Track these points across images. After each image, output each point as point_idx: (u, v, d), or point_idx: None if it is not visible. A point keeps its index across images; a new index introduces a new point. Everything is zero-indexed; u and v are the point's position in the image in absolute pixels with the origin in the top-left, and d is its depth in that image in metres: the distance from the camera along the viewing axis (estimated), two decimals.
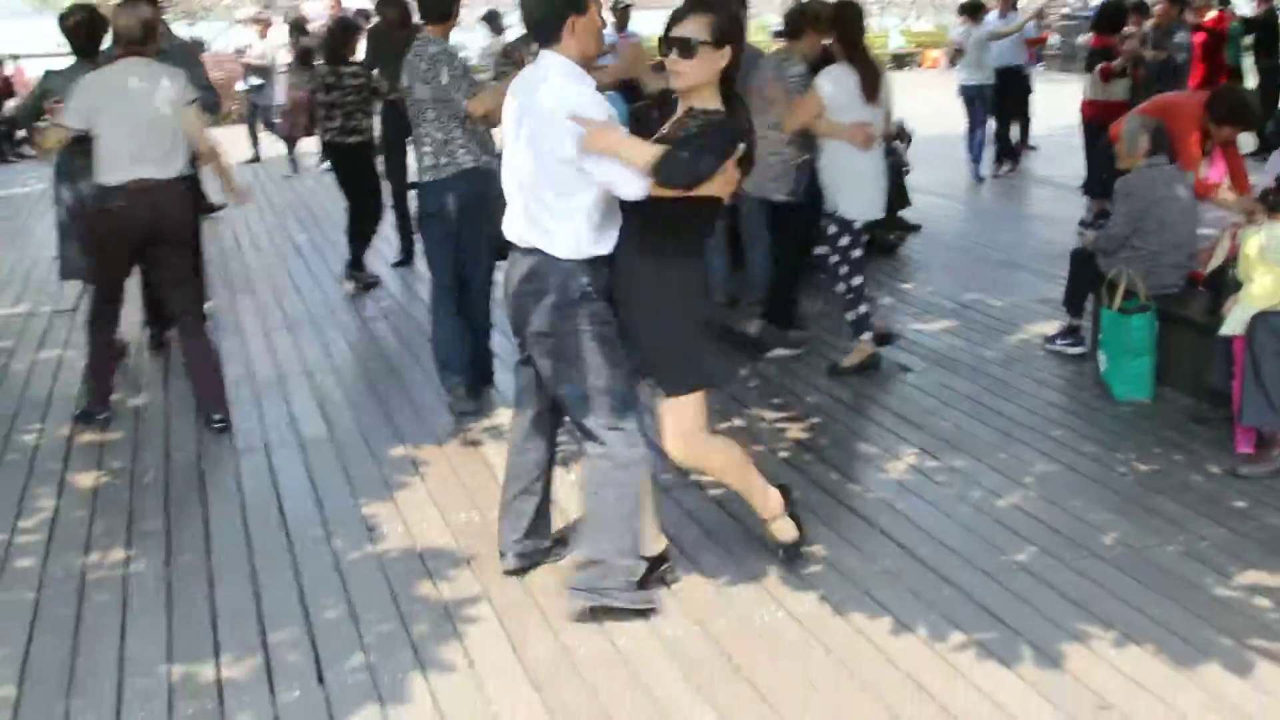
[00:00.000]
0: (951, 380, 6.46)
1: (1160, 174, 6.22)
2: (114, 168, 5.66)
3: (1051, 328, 7.02)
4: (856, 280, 6.48)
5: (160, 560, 4.65)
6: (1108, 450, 5.45)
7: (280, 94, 14.20)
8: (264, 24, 15.45)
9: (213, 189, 8.32)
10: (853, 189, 6.42)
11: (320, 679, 3.82)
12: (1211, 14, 12.90)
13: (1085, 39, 12.97)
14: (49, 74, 6.76)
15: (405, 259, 9.45)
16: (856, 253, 6.47)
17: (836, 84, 6.29)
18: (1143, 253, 6.21)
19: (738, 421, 5.89)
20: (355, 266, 8.91)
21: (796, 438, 5.69)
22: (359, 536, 4.80)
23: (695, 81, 3.85)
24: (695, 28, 3.79)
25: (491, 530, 4.60)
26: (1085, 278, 6.59)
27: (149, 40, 5.81)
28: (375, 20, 10.10)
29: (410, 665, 3.87)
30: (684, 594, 4.27)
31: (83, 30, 6.64)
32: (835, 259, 6.51)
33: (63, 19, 6.71)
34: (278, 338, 7.65)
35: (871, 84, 6.30)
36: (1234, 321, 5.29)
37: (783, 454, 5.50)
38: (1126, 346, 5.98)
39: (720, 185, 3.80)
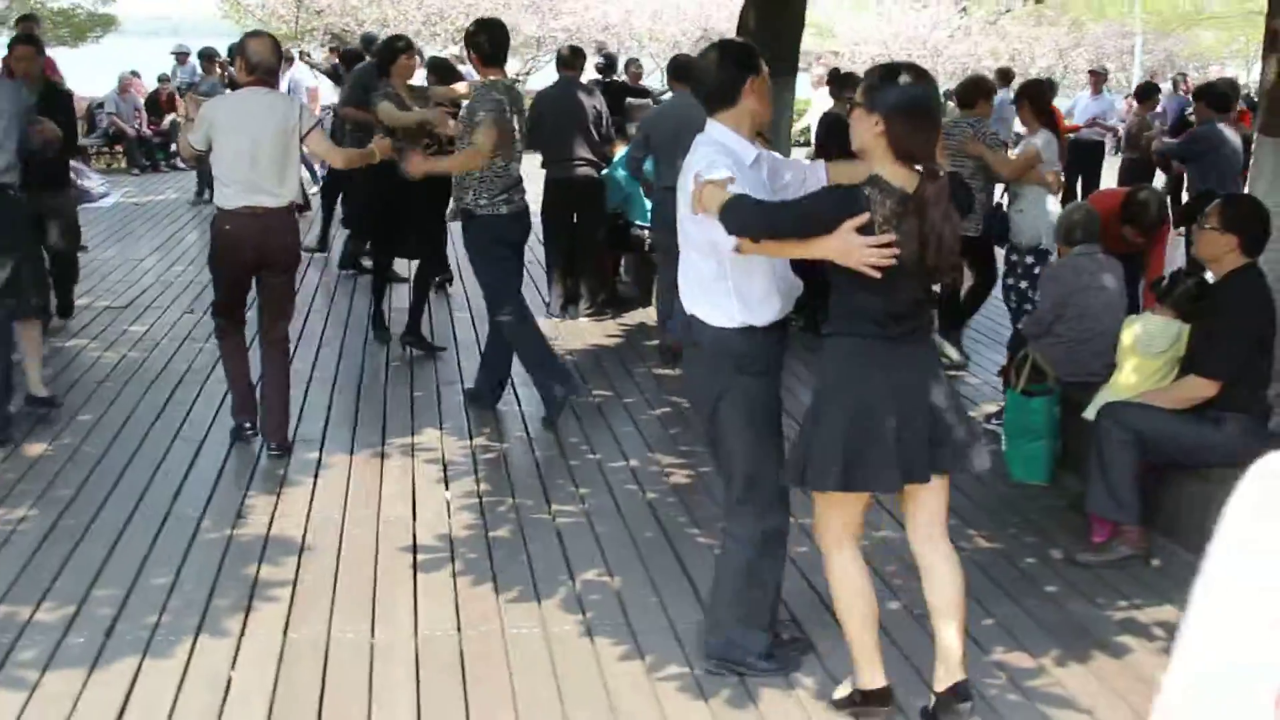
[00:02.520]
0: None
1: (1087, 263, 6.28)
2: (229, 193, 5.79)
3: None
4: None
5: (52, 520, 5.23)
6: (965, 525, 5.53)
7: None
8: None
9: None
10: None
11: (109, 632, 4.30)
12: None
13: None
14: None
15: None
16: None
17: (1046, 143, 7.60)
18: (1065, 339, 6.27)
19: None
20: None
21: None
22: (226, 521, 5.29)
23: (857, 145, 3.60)
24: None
25: (339, 527, 5.15)
26: None
27: (277, 71, 6.12)
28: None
29: (190, 631, 4.33)
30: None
31: None
32: (1025, 284, 7.46)
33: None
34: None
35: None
36: (1092, 407, 5.36)
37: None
38: (1025, 428, 6.05)
39: (836, 252, 3.47)
